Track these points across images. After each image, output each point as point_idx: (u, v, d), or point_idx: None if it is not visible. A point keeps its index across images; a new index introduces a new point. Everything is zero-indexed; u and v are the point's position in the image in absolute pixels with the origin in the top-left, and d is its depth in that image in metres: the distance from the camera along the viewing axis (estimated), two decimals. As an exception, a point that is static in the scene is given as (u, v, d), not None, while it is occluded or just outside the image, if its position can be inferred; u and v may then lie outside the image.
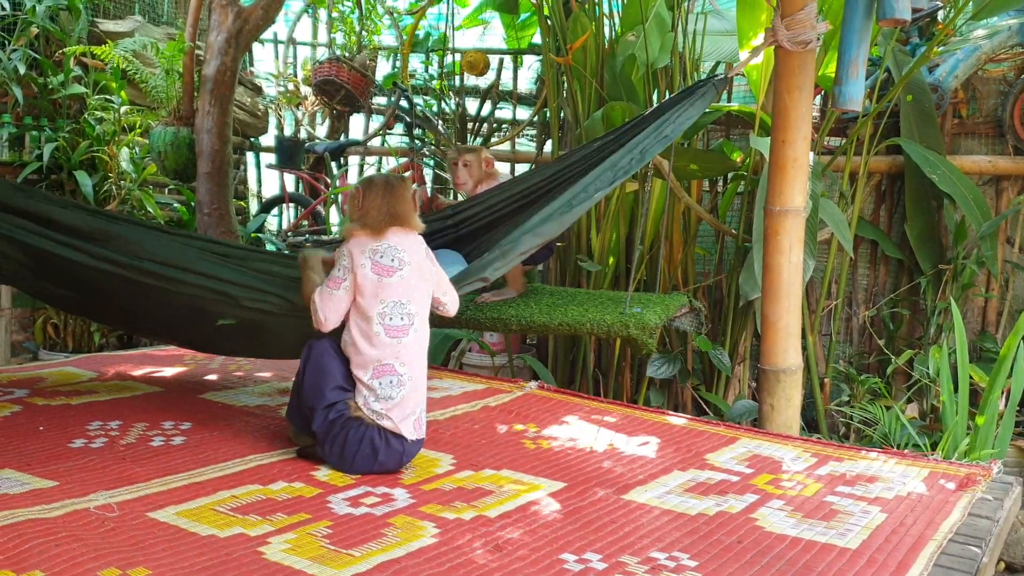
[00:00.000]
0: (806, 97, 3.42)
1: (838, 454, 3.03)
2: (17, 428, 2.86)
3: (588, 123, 4.59)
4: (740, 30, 4.33)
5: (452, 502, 2.36)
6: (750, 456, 2.95)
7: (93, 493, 2.27)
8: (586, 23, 4.68)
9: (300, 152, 6.23)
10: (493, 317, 3.66)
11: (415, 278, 2.76)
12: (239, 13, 4.79)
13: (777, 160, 3.45)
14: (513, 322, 3.62)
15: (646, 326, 3.39)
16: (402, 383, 2.64)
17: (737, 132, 5.24)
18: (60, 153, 4.99)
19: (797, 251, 3.48)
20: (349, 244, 2.75)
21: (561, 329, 3.56)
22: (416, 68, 6.39)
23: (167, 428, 2.92)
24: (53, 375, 3.65)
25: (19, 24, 5.04)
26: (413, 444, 2.66)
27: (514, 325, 3.63)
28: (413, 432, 2.65)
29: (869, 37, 3.23)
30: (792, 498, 2.55)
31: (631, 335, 3.42)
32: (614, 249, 4.84)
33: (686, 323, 3.80)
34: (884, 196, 5.06)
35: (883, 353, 4.86)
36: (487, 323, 3.68)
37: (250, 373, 3.84)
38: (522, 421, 3.23)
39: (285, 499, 2.33)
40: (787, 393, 3.51)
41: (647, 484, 2.59)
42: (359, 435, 2.57)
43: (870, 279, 5.09)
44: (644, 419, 3.36)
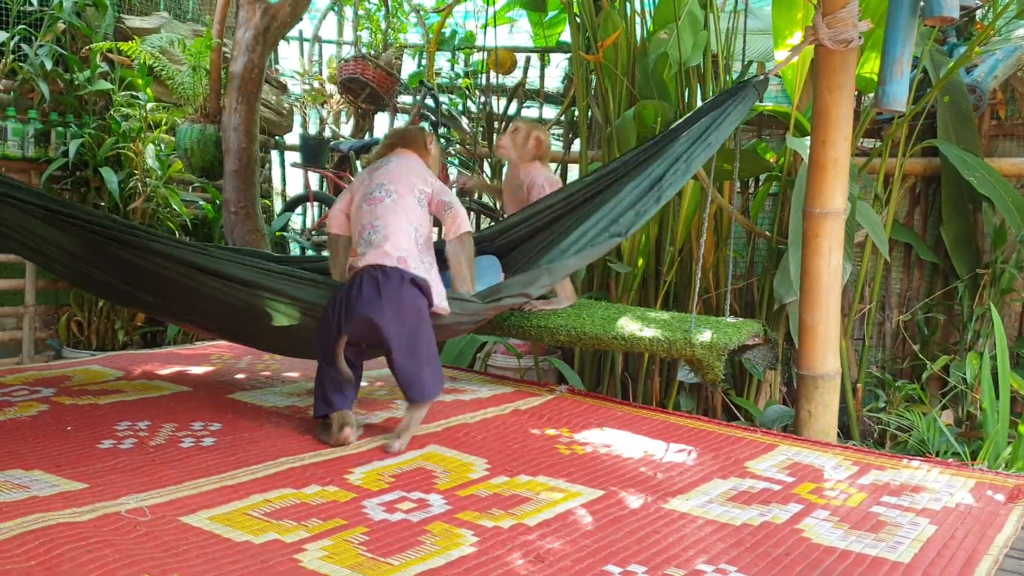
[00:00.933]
0: (847, 96, 3.35)
1: (879, 462, 2.96)
2: (45, 428, 2.82)
3: (619, 122, 4.52)
4: (776, 28, 4.25)
5: (489, 509, 2.30)
6: (790, 464, 2.88)
7: (124, 496, 2.22)
8: (617, 21, 4.61)
9: (325, 151, 6.18)
10: (540, 326, 3.55)
11: (394, 172, 3.16)
12: (267, 10, 4.75)
13: (817, 161, 3.38)
14: (562, 333, 3.51)
15: (714, 347, 3.26)
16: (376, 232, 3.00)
17: (769, 132, 5.16)
18: (86, 150, 4.96)
19: (837, 254, 3.41)
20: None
21: (616, 344, 3.44)
22: (442, 66, 6.34)
23: (196, 429, 2.87)
24: (79, 374, 3.61)
25: (46, 20, 5.01)
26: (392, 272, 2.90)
27: (563, 336, 3.51)
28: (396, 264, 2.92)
29: (914, 35, 3.16)
30: (837, 508, 2.47)
31: (696, 356, 3.30)
32: (643, 250, 4.77)
33: (758, 357, 3.65)
34: (919, 199, 4.97)
35: (916, 358, 4.77)
36: (533, 332, 3.57)
37: (278, 373, 3.79)
38: (554, 426, 3.17)
39: (319, 503, 2.27)
40: (825, 399, 3.44)
41: (688, 493, 2.53)
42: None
43: (904, 283, 5.00)
44: (679, 425, 3.29)
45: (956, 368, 4.45)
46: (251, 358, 4.03)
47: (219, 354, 4.08)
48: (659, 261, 4.83)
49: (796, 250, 3.88)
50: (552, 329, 3.57)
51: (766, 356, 3.74)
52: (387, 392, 3.54)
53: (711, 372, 3.32)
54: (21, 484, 2.28)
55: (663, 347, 3.38)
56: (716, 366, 3.31)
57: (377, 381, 3.72)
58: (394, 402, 3.36)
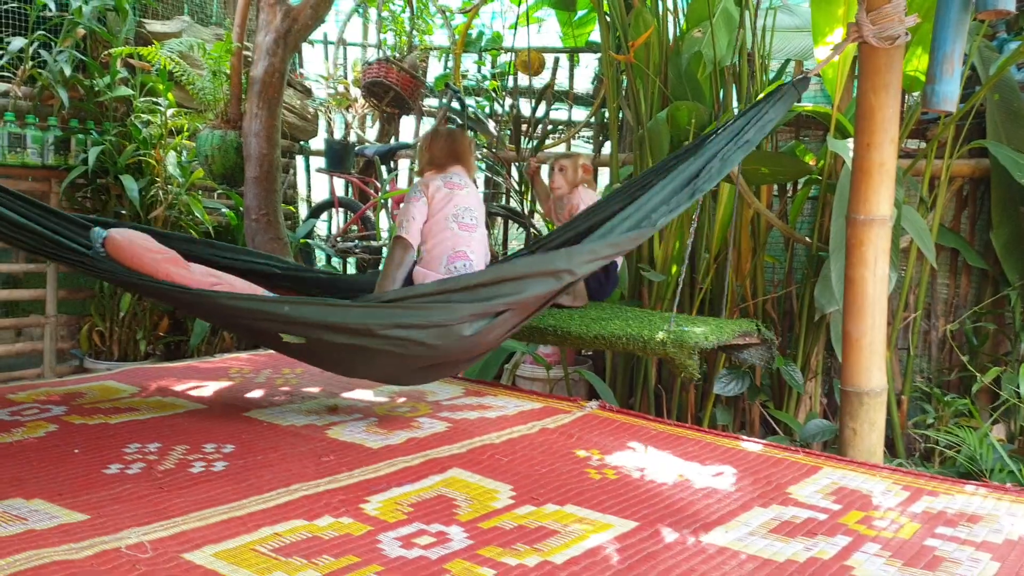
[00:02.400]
0: (893, 96, 3.16)
1: (931, 487, 2.76)
2: (51, 450, 2.70)
3: (652, 124, 4.36)
4: (815, 26, 4.06)
5: (513, 544, 2.14)
6: (836, 489, 2.70)
7: (125, 529, 2.09)
8: (649, 19, 4.44)
9: (350, 156, 6.07)
10: (530, 326, 3.47)
11: (475, 198, 3.42)
12: (288, 12, 4.64)
13: (862, 165, 3.19)
14: (550, 333, 3.46)
15: (684, 344, 3.15)
16: (470, 268, 3.21)
17: (807, 133, 4.96)
18: (106, 157, 4.87)
19: (883, 263, 3.22)
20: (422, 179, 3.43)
21: (597, 343, 3.37)
22: (468, 68, 6.20)
23: (208, 451, 2.75)
24: (93, 390, 3.51)
25: (65, 25, 4.93)
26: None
27: (550, 336, 3.47)
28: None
29: (966, 31, 2.96)
30: (888, 541, 2.29)
31: (668, 354, 3.18)
32: (677, 257, 4.59)
33: (755, 356, 3.53)
34: (966, 202, 4.75)
35: (964, 370, 4.55)
36: (522, 333, 3.49)
37: (297, 388, 3.67)
38: (584, 447, 3.01)
39: (332, 537, 2.13)
40: (871, 417, 3.25)
41: (727, 523, 2.36)
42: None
43: (950, 290, 4.78)
44: (716, 444, 3.12)
45: (1008, 380, 4.23)
46: (270, 372, 3.91)
47: (238, 368, 3.97)
48: (694, 268, 4.66)
49: (838, 257, 3.70)
50: (541, 329, 3.52)
51: (763, 355, 3.60)
52: (409, 409, 3.40)
53: (684, 370, 3.23)
54: (19, 516, 2.16)
55: (639, 345, 3.30)
56: (688, 364, 3.21)
57: (400, 397, 3.58)
58: (416, 420, 3.22)
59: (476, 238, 3.36)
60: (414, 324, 2.86)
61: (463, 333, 2.90)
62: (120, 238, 3.05)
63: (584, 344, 3.44)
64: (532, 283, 2.97)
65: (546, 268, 2.99)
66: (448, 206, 3.33)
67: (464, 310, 2.89)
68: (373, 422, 3.17)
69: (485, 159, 5.73)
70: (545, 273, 2.98)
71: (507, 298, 2.94)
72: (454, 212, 3.32)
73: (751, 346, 3.49)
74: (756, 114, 3.23)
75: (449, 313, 2.88)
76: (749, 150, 3.20)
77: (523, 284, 2.96)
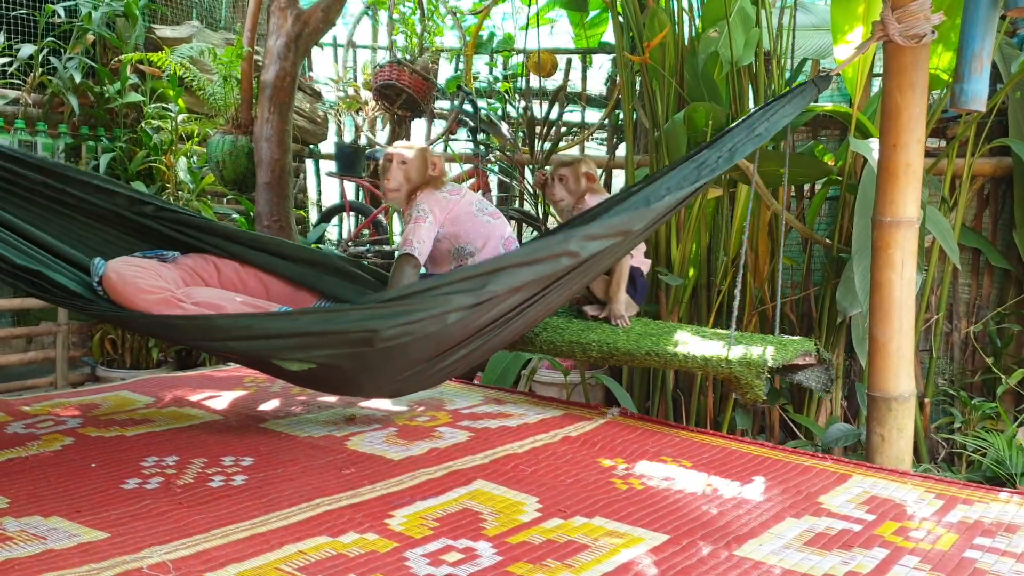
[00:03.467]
0: (920, 96, 3.10)
1: (965, 495, 2.70)
2: (68, 464, 2.66)
3: (668, 126, 4.30)
4: (835, 24, 3.99)
5: (543, 560, 2.09)
6: (868, 498, 2.64)
7: (147, 548, 2.04)
8: (664, 19, 4.38)
9: (361, 159, 6.03)
10: (572, 342, 3.37)
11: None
12: (298, 16, 4.59)
13: (888, 166, 3.13)
14: (594, 349, 3.33)
15: (751, 364, 3.05)
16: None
17: (825, 133, 4.90)
18: (117, 164, 4.84)
19: (910, 266, 3.16)
20: (421, 196, 3.38)
21: (649, 361, 3.23)
22: (480, 70, 6.14)
23: (227, 464, 2.70)
24: (108, 400, 3.46)
25: (75, 31, 4.90)
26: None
27: (595, 352, 3.33)
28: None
29: (995, 29, 2.90)
30: (927, 553, 2.23)
31: (733, 373, 3.08)
32: (694, 260, 4.53)
33: (812, 379, 3.41)
34: (987, 201, 4.69)
35: (988, 372, 4.49)
36: (565, 348, 3.40)
37: (313, 398, 3.62)
38: (608, 455, 2.95)
39: (357, 555, 2.08)
40: (899, 423, 3.19)
41: (760, 536, 2.30)
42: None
43: (972, 291, 4.71)
44: (741, 452, 3.06)
45: (1034, 382, 4.18)
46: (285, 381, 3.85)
47: (252, 377, 3.92)
48: (711, 272, 4.60)
49: (861, 259, 3.64)
50: (584, 345, 3.38)
51: (820, 378, 3.49)
52: (428, 418, 3.35)
53: (750, 391, 3.12)
54: (38, 535, 2.11)
55: (698, 364, 3.18)
56: (756, 385, 3.10)
57: (419, 406, 3.53)
58: (436, 429, 3.17)
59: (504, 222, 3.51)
60: (413, 320, 2.78)
61: (448, 321, 2.80)
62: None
63: (635, 362, 3.31)
64: (527, 269, 2.89)
65: (543, 253, 2.92)
66: (462, 203, 3.42)
67: (455, 300, 2.81)
68: (393, 432, 3.12)
69: (499, 162, 5.67)
70: (541, 259, 2.91)
71: (498, 284, 2.85)
72: (479, 206, 3.47)
73: (808, 367, 3.39)
74: (771, 109, 3.18)
75: (444, 305, 2.81)
76: (760, 143, 3.13)
77: (519, 271, 2.88)
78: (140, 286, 2.99)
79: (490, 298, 2.83)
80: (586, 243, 2.93)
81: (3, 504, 2.32)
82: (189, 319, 2.94)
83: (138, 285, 2.99)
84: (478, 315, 2.84)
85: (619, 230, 2.99)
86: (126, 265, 3.08)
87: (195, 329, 2.90)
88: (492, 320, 2.91)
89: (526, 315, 3.01)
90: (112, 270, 3.01)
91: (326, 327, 2.82)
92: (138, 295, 2.95)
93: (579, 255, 2.93)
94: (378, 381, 2.94)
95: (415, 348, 2.82)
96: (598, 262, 3.07)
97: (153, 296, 2.98)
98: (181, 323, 2.93)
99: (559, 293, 3.06)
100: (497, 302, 2.86)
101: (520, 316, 2.99)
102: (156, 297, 2.98)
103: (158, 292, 3.01)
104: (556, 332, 3.43)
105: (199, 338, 2.93)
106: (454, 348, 2.91)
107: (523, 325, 3.08)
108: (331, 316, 2.90)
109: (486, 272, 2.87)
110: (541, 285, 2.94)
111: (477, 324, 2.88)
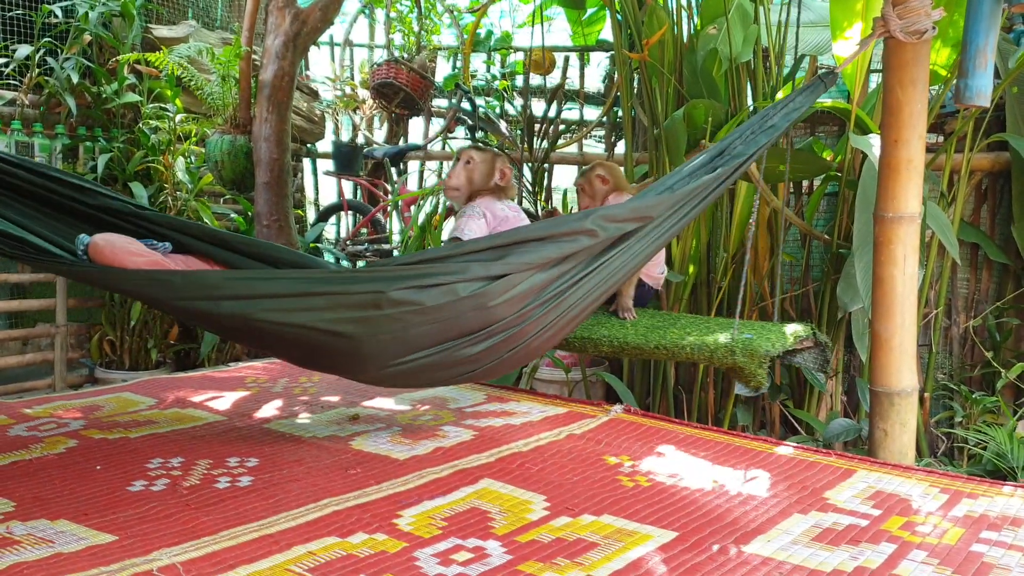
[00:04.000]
0: (921, 92, 3.10)
1: (969, 489, 2.71)
2: (73, 467, 2.65)
3: (668, 123, 4.30)
4: (833, 20, 4.00)
5: (553, 558, 2.09)
6: (873, 493, 2.64)
7: (156, 551, 2.03)
8: (663, 17, 4.39)
9: (358, 158, 6.01)
10: (583, 337, 3.38)
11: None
12: (297, 15, 4.58)
13: (889, 162, 3.13)
14: (605, 343, 3.34)
15: (755, 354, 3.08)
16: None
17: (823, 129, 4.91)
18: (115, 164, 4.83)
19: (912, 261, 3.16)
20: (479, 200, 3.37)
21: (658, 353, 3.25)
22: (477, 68, 6.14)
23: (232, 466, 2.69)
24: (110, 402, 3.45)
25: (71, 32, 4.88)
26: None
27: (605, 347, 3.34)
28: None
29: (998, 24, 2.91)
30: (934, 548, 2.24)
31: (737, 364, 3.10)
32: (694, 257, 4.54)
33: (808, 360, 3.44)
34: (985, 196, 4.70)
35: (987, 366, 4.50)
36: (576, 343, 3.41)
37: (316, 397, 3.61)
38: (614, 453, 2.95)
39: (367, 555, 2.08)
40: (902, 418, 3.20)
41: (768, 532, 2.30)
42: None
43: (971, 285, 4.73)
44: (745, 448, 3.06)
45: (1033, 376, 4.19)
46: (287, 381, 3.85)
47: (254, 377, 3.91)
48: (711, 268, 4.61)
49: (862, 255, 3.65)
50: (595, 340, 3.40)
51: (816, 359, 3.52)
52: (432, 417, 3.35)
53: (753, 380, 3.14)
54: (46, 538, 2.11)
55: (704, 355, 3.20)
56: (758, 374, 3.13)
57: (422, 405, 3.53)
58: (440, 428, 3.16)
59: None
60: (425, 284, 2.64)
61: (459, 294, 2.64)
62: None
63: (644, 355, 3.32)
64: (545, 245, 2.75)
65: (561, 229, 2.78)
66: (516, 220, 3.35)
67: (469, 270, 2.67)
68: (397, 432, 3.12)
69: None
70: (558, 235, 2.77)
71: (514, 259, 2.71)
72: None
73: (805, 350, 3.41)
74: (783, 103, 3.17)
75: (456, 274, 2.66)
76: (773, 135, 3.08)
77: (537, 247, 2.74)
78: (130, 249, 2.82)
79: (506, 272, 2.68)
80: (605, 223, 2.80)
81: (9, 508, 2.31)
82: (183, 275, 2.74)
83: (127, 248, 2.83)
84: (494, 293, 2.67)
85: (639, 214, 2.86)
86: (114, 235, 2.92)
87: (189, 286, 2.69)
88: (512, 311, 2.72)
89: (547, 314, 2.81)
90: (100, 237, 2.85)
91: (332, 288, 2.67)
92: (128, 257, 2.78)
93: (597, 235, 2.79)
94: (383, 356, 2.71)
95: (425, 320, 2.65)
96: (623, 256, 2.91)
97: (142, 258, 2.82)
98: (175, 280, 2.71)
99: (582, 291, 2.86)
100: (514, 281, 2.69)
101: (540, 312, 2.79)
102: (146, 259, 2.82)
103: (148, 255, 2.86)
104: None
105: (195, 296, 2.67)
106: (469, 336, 2.72)
107: (544, 329, 2.85)
108: (338, 276, 2.79)
109: (504, 244, 2.73)
110: (561, 271, 2.78)
111: (494, 308, 2.69)
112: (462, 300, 2.65)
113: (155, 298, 2.85)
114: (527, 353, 2.97)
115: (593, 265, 2.87)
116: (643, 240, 2.95)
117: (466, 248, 2.76)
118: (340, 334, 2.65)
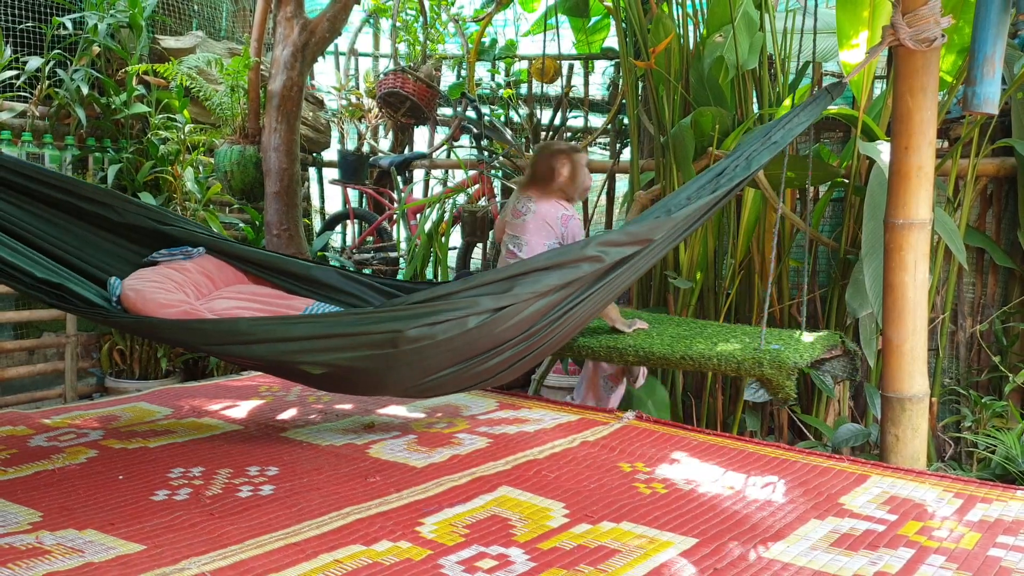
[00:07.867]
0: (931, 99, 3.13)
1: (983, 493, 2.74)
2: (96, 477, 2.67)
3: (675, 130, 4.33)
4: (840, 28, 4.04)
5: (577, 565, 2.11)
6: (888, 498, 2.67)
7: (184, 560, 2.06)
8: (669, 25, 4.42)
9: (364, 166, 6.04)
10: (609, 347, 3.45)
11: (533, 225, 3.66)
12: (304, 25, 4.61)
13: (900, 168, 3.16)
14: (630, 353, 3.39)
15: (783, 365, 3.09)
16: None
17: (828, 135, 4.94)
18: (124, 175, 4.86)
19: (922, 267, 3.19)
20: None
21: (684, 364, 3.29)
22: (482, 77, 6.16)
23: (253, 475, 2.72)
24: (126, 412, 3.48)
25: (80, 43, 4.91)
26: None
27: (631, 356, 3.40)
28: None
29: (1007, 31, 2.94)
30: (952, 553, 2.26)
31: (765, 375, 3.12)
32: (702, 264, 4.57)
33: (837, 369, 3.46)
34: (991, 201, 4.73)
35: (994, 370, 4.53)
36: (603, 352, 3.46)
37: (330, 406, 3.63)
38: (628, 460, 2.98)
39: (392, 563, 2.10)
40: (914, 422, 3.22)
41: (787, 537, 2.33)
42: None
43: (977, 290, 4.75)
44: (759, 454, 3.09)
45: (1041, 380, 4.22)
46: (300, 389, 3.87)
47: (267, 385, 3.93)
48: (717, 275, 4.63)
49: (871, 261, 3.68)
50: (621, 349, 3.47)
51: (845, 368, 3.55)
52: (446, 424, 3.37)
53: (782, 391, 3.16)
54: (75, 548, 2.13)
55: (732, 366, 3.25)
56: (787, 385, 3.15)
57: (436, 412, 3.55)
58: (455, 436, 3.19)
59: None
60: (439, 320, 2.82)
61: (469, 325, 2.84)
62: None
63: (670, 365, 3.38)
64: (550, 273, 2.95)
65: (565, 258, 2.99)
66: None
67: (479, 304, 2.87)
68: (413, 439, 3.14)
69: (502, 167, 5.70)
70: (562, 263, 2.97)
71: (522, 288, 2.91)
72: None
73: (833, 359, 3.44)
74: (787, 118, 3.21)
75: (467, 308, 2.85)
76: (775, 151, 3.17)
77: (542, 275, 2.95)
78: (160, 300, 3.01)
79: (513, 303, 2.87)
80: (606, 249, 3.00)
81: (36, 518, 2.33)
82: (214, 323, 2.97)
83: (157, 300, 3.01)
84: (502, 321, 2.87)
85: (639, 238, 3.04)
86: (142, 281, 3.09)
87: (220, 333, 2.92)
88: (519, 332, 2.93)
89: (553, 330, 3.03)
90: (129, 288, 3.03)
91: (351, 329, 2.85)
92: (159, 310, 2.97)
93: (601, 260, 2.99)
94: (403, 382, 2.97)
95: (440, 351, 2.85)
96: (623, 274, 3.10)
97: (173, 309, 2.99)
98: (207, 327, 2.95)
99: (585, 307, 3.08)
100: (520, 308, 2.89)
101: (546, 330, 3.01)
102: (176, 310, 2.99)
103: (178, 305, 3.02)
104: (592, 336, 3.54)
105: (224, 342, 2.91)
106: (480, 356, 2.93)
107: (551, 341, 3.08)
108: (356, 318, 2.93)
109: (511, 276, 2.93)
110: (565, 294, 2.99)
111: (502, 332, 2.89)
112: (472, 331, 2.86)
113: (189, 344, 3.23)
114: (535, 358, 3.24)
115: (596, 285, 3.08)
116: (644, 257, 3.14)
117: (476, 282, 2.96)
118: (362, 370, 2.89)
